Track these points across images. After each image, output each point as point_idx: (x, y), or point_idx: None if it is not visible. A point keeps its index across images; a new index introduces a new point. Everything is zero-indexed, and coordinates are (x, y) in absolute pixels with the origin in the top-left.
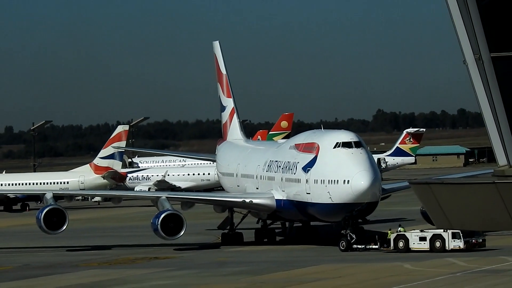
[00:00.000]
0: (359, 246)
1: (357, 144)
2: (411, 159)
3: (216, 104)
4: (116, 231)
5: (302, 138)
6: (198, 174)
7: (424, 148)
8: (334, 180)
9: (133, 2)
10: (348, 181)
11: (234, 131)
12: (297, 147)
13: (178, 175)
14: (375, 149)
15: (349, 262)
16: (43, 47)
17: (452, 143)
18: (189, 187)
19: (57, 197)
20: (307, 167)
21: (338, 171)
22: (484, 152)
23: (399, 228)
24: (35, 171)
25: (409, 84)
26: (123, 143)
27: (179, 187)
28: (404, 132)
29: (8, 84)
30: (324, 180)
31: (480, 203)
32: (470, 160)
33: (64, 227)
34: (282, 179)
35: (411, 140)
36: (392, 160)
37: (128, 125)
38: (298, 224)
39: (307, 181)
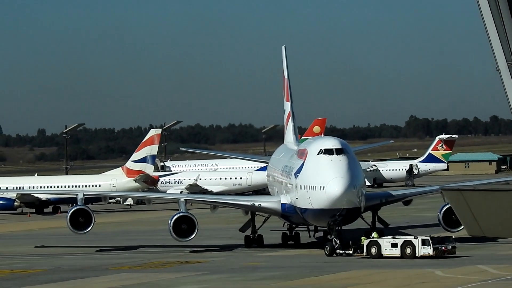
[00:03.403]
0: (341, 251)
1: (339, 151)
2: (443, 166)
3: (248, 107)
4: (147, 234)
5: (304, 144)
6: (230, 178)
7: (457, 155)
8: (313, 186)
9: (163, 9)
10: (324, 187)
11: (288, 134)
12: (298, 152)
13: (210, 179)
14: (407, 155)
15: (380, 268)
16: (77, 50)
17: (485, 150)
18: (221, 191)
19: (93, 199)
20: (296, 173)
21: (317, 177)
22: None
23: (373, 234)
24: (67, 174)
25: (441, 90)
26: (155, 147)
27: (211, 191)
28: (437, 138)
29: (41, 87)
30: (306, 186)
31: None
32: (502, 167)
33: (90, 228)
34: (286, 184)
35: (444, 146)
36: (424, 167)
37: (160, 129)
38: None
39: (296, 186)
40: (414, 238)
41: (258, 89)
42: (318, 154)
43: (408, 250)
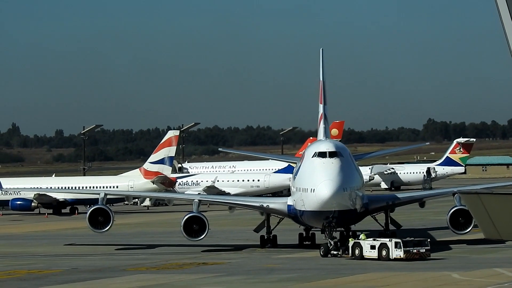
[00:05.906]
0: (334, 252)
1: (332, 154)
2: (461, 169)
3: (267, 110)
4: (164, 235)
5: (308, 147)
6: (248, 180)
7: (474, 158)
8: (306, 189)
9: (181, 11)
10: (314, 189)
11: (319, 136)
12: (302, 155)
13: (228, 181)
14: (425, 158)
15: (397, 270)
16: (96, 52)
17: (502, 154)
18: (239, 193)
19: (111, 200)
20: (295, 175)
21: (309, 180)
22: None
23: (361, 236)
24: (84, 175)
25: (460, 94)
26: (173, 149)
27: (229, 193)
28: (455, 141)
29: (60, 88)
30: (300, 188)
31: None
32: None
33: (109, 227)
34: (292, 186)
35: (461, 150)
36: (442, 170)
37: (178, 130)
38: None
39: (294, 188)
40: (389, 240)
41: (276, 91)
42: (312, 157)
43: (384, 252)
